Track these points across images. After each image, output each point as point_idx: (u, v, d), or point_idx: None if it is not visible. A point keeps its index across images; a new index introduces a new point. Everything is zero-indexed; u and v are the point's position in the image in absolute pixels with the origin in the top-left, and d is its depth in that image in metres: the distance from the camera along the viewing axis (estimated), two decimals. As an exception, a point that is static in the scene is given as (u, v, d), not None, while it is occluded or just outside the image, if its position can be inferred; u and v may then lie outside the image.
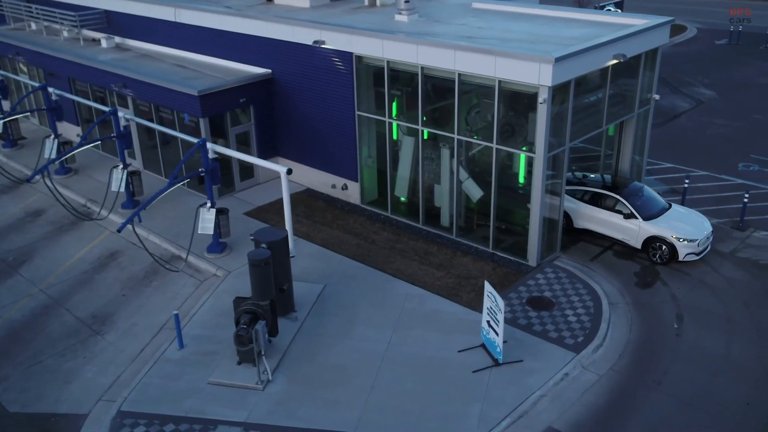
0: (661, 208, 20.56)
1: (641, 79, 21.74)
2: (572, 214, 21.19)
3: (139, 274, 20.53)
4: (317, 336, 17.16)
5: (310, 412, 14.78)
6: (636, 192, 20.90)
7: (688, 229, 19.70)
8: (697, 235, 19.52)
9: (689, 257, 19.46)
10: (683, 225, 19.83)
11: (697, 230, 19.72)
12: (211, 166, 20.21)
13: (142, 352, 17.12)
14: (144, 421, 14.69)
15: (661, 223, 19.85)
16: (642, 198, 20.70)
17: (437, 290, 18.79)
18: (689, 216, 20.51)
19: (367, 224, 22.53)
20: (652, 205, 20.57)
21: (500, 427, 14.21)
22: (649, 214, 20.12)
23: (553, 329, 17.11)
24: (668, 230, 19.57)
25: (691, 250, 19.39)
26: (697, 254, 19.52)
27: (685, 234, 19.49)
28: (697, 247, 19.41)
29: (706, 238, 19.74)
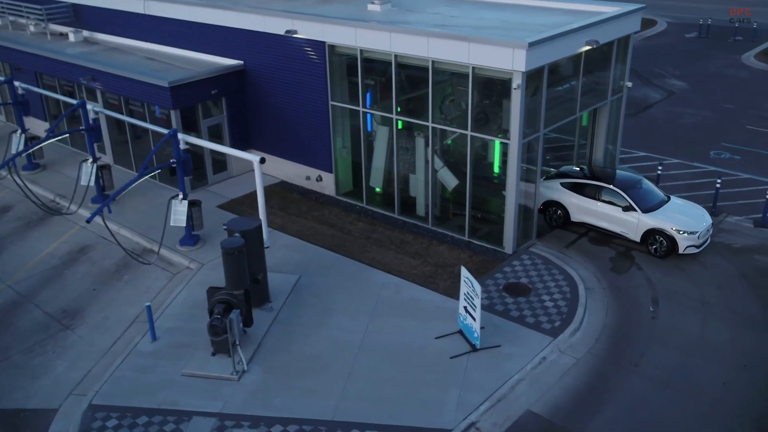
0: (660, 200, 20.11)
1: (613, 67, 21.82)
2: (569, 207, 20.82)
3: (110, 268, 20.14)
4: (293, 326, 16.94)
5: (286, 401, 14.56)
6: (634, 184, 20.40)
7: (687, 221, 19.29)
8: (697, 227, 19.14)
9: (689, 250, 19.08)
10: (683, 217, 19.41)
11: (696, 222, 19.33)
12: (182, 157, 19.89)
13: (114, 346, 16.77)
14: (116, 414, 14.36)
15: (661, 215, 19.41)
16: (641, 190, 20.20)
17: (413, 278, 18.66)
18: (689, 208, 20.13)
19: (342, 215, 22.35)
20: (651, 198, 20.11)
21: (479, 411, 14.11)
22: (648, 207, 19.68)
23: (530, 314, 17.06)
24: (668, 222, 19.13)
25: (691, 243, 19.02)
26: (697, 247, 19.15)
27: (685, 226, 19.08)
28: (697, 240, 19.02)
29: (706, 230, 19.37)
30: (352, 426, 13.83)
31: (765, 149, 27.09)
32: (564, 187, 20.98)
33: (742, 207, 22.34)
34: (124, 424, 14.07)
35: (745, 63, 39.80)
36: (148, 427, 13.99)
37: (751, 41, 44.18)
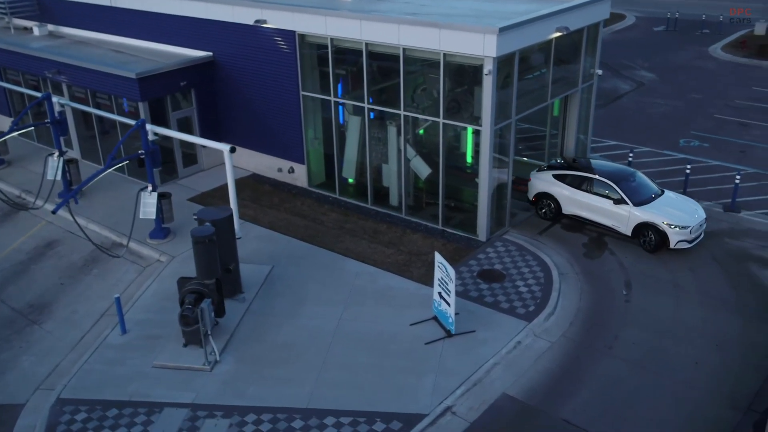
0: (652, 194, 19.58)
1: (583, 55, 21.90)
2: (561, 199, 20.42)
3: (78, 263, 19.74)
4: (266, 316, 16.73)
5: (260, 390, 14.36)
6: (627, 177, 19.93)
7: (680, 215, 18.77)
8: (689, 222, 18.61)
9: (681, 245, 18.58)
10: (675, 211, 18.89)
11: (689, 217, 18.82)
12: (151, 149, 19.57)
13: (83, 340, 16.43)
14: (85, 407, 14.05)
15: (653, 209, 18.91)
16: (633, 183, 19.74)
17: (387, 267, 18.55)
18: (682, 202, 19.66)
19: (315, 206, 22.16)
20: (644, 191, 19.58)
21: (454, 395, 14.04)
22: (640, 200, 19.16)
23: (504, 300, 17.04)
24: (659, 216, 18.62)
25: (683, 237, 18.53)
26: (689, 242, 18.64)
27: (676, 220, 18.55)
28: (689, 234, 18.53)
29: (699, 225, 18.86)
30: (327, 413, 13.67)
31: (733, 137, 27.42)
32: (556, 179, 20.59)
33: (712, 192, 22.56)
34: (94, 417, 13.78)
35: (712, 55, 40.30)
36: (118, 419, 13.70)
37: (718, 34, 44.78)
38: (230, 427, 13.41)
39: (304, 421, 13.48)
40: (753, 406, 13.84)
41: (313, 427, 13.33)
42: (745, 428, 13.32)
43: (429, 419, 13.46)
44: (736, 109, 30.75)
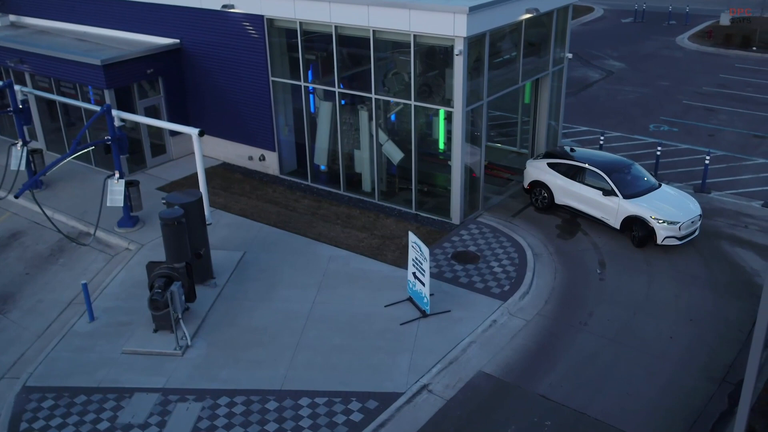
0: (646, 187, 18.84)
1: (554, 38, 21.92)
2: (554, 188, 19.83)
3: (44, 253, 19.26)
4: (238, 300, 16.44)
5: (232, 373, 14.09)
6: (621, 168, 19.19)
7: (670, 210, 17.97)
8: (679, 218, 17.76)
9: (669, 241, 17.79)
10: (665, 205, 18.11)
11: (681, 212, 17.94)
12: (117, 135, 19.16)
13: (49, 329, 16.02)
14: (52, 394, 13.66)
15: (643, 202, 18.17)
16: (627, 175, 19.04)
17: (361, 251, 18.37)
18: (676, 197, 18.74)
19: (287, 193, 21.89)
20: (637, 184, 18.88)
21: (430, 374, 13.90)
22: (632, 193, 18.45)
23: (479, 280, 16.95)
24: (648, 210, 17.88)
25: (672, 234, 17.69)
26: (678, 239, 17.83)
27: (665, 215, 17.77)
28: (678, 231, 17.66)
29: (691, 222, 17.95)
30: (301, 394, 13.45)
31: (701, 122, 27.70)
32: (550, 168, 19.98)
33: (682, 174, 22.74)
34: (61, 404, 13.39)
35: (679, 44, 40.75)
36: (86, 405, 13.34)
37: (684, 25, 45.33)
38: (203, 410, 13.11)
39: (279, 403, 13.24)
40: (727, 377, 13.90)
41: (287, 408, 13.09)
42: (720, 399, 13.37)
43: (405, 397, 13.31)
44: (704, 95, 31.09)
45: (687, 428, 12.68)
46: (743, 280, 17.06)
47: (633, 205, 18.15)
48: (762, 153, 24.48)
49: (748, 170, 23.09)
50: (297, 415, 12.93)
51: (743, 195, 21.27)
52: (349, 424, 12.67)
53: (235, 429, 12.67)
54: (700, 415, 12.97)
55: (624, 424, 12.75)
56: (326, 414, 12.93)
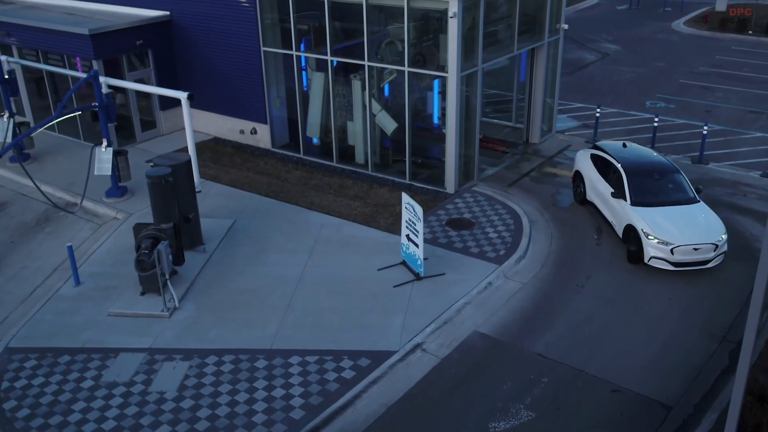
0: (672, 199, 16.19)
1: (549, 6, 21.58)
2: (587, 182, 18.04)
3: (30, 222, 18.85)
4: (227, 265, 16.08)
5: (221, 333, 13.72)
6: (651, 172, 16.67)
7: (669, 228, 15.31)
8: (675, 239, 15.09)
9: (657, 263, 15.28)
10: (670, 223, 15.44)
11: (683, 235, 15.16)
12: (105, 102, 18.77)
13: (33, 294, 15.60)
14: (35, 355, 13.28)
15: (648, 212, 15.68)
16: (655, 181, 16.49)
17: (354, 219, 18.01)
18: (699, 219, 15.73)
19: (278, 165, 21.53)
20: (662, 193, 16.30)
21: (424, 333, 13.55)
22: (646, 201, 16.00)
23: (474, 245, 16.62)
24: (643, 221, 15.50)
25: (661, 255, 15.16)
26: (672, 263, 15.19)
27: (659, 232, 15.23)
28: (670, 254, 15.09)
29: (693, 249, 15.05)
30: (292, 353, 13.09)
31: (697, 99, 27.43)
32: (591, 159, 18.12)
33: (679, 147, 22.46)
34: (44, 364, 13.01)
35: (675, 29, 40.54)
36: (70, 365, 12.95)
37: (680, 11, 45.13)
38: (190, 369, 12.74)
39: (268, 361, 12.88)
40: (728, 336, 13.60)
41: (277, 366, 12.73)
42: (721, 357, 13.06)
43: (398, 355, 12.96)
44: (700, 74, 30.84)
45: (687, 385, 12.36)
46: (742, 245, 16.76)
47: (635, 212, 15.82)
48: (759, 127, 24.21)
49: (745, 143, 22.82)
50: (287, 372, 12.57)
51: (741, 166, 20.99)
52: (340, 381, 12.32)
53: (223, 386, 12.30)
54: (700, 372, 12.66)
55: (623, 380, 12.43)
56: (317, 371, 12.57)
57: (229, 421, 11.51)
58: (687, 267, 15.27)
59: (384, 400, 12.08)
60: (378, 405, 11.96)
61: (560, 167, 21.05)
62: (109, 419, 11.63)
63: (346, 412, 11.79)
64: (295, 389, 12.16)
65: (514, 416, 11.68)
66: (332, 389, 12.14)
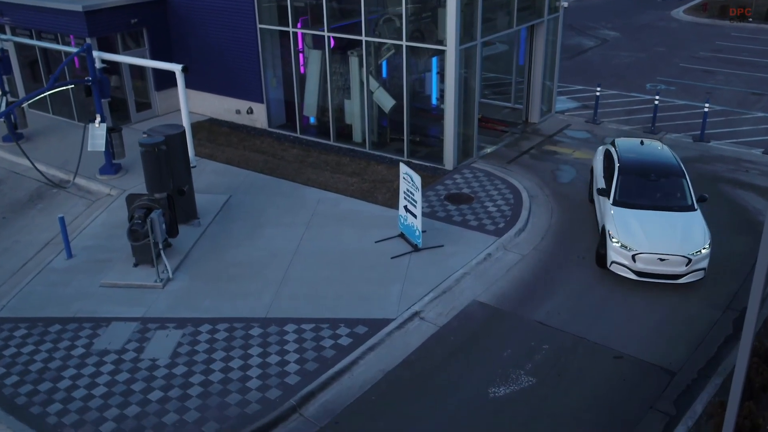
0: (662, 203, 14.43)
1: (549, -16, 21.37)
2: (595, 175, 16.70)
3: (22, 199, 18.57)
4: (223, 238, 15.81)
5: (215, 303, 13.45)
6: (649, 172, 15.00)
7: (637, 233, 13.71)
8: (639, 246, 13.50)
9: (618, 269, 13.80)
10: (641, 228, 13.83)
11: (649, 242, 13.52)
12: (98, 77, 18.48)
13: (25, 266, 15.31)
14: (25, 324, 12.99)
15: (624, 213, 14.19)
16: (649, 181, 14.85)
17: (351, 194, 17.76)
18: (676, 227, 13.90)
19: (275, 144, 21.26)
20: (653, 194, 14.65)
21: (422, 302, 13.29)
22: (630, 202, 14.39)
23: (473, 219, 16.36)
24: (613, 221, 14.11)
25: (622, 261, 13.63)
26: (634, 272, 13.61)
27: (624, 236, 13.71)
28: (631, 260, 13.55)
29: (659, 259, 13.41)
30: (287, 321, 12.82)
31: (698, 81, 27.19)
32: (603, 155, 16.62)
33: (680, 126, 22.22)
34: (34, 333, 12.73)
35: (674, 17, 40.32)
36: (61, 334, 12.67)
37: (679, 0, 44.91)
38: (183, 337, 12.47)
39: (263, 329, 12.61)
40: (732, 305, 13.35)
41: (272, 334, 12.46)
42: (725, 325, 12.81)
43: (396, 323, 12.70)
44: (700, 59, 30.60)
45: (690, 351, 12.11)
46: (746, 218, 16.53)
47: (611, 212, 14.36)
48: (761, 108, 23.98)
49: (747, 123, 22.58)
50: (282, 340, 12.30)
51: (743, 144, 20.75)
52: (337, 348, 12.05)
53: (216, 353, 12.03)
54: (703, 340, 12.41)
55: (625, 348, 12.18)
56: (313, 339, 12.31)
57: (223, 387, 11.25)
58: (652, 279, 13.61)
59: (382, 366, 11.81)
60: (376, 371, 11.70)
61: (560, 145, 20.80)
62: (100, 385, 11.36)
63: (343, 378, 11.52)
64: (291, 356, 11.89)
65: (514, 381, 11.42)
66: (328, 356, 11.88)
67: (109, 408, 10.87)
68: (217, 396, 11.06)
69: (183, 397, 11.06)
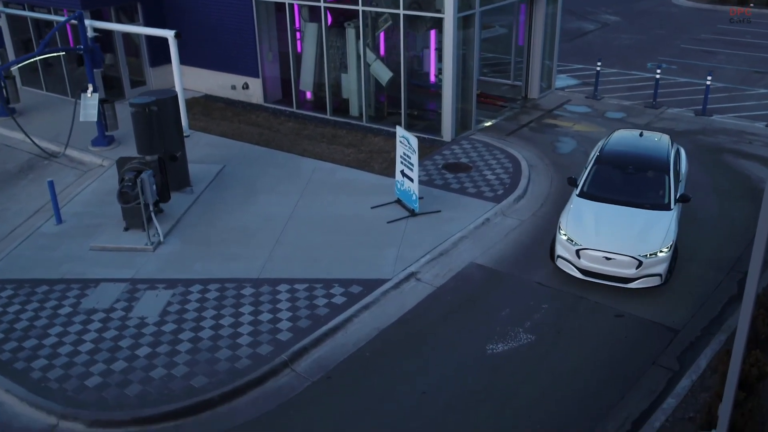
0: (633, 199, 12.87)
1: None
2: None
3: (12, 170, 18.26)
4: (215, 205, 15.50)
5: (207, 266, 13.13)
6: (629, 163, 13.53)
7: (587, 227, 12.41)
8: (584, 240, 12.14)
9: (561, 263, 12.52)
10: (595, 222, 12.50)
11: (597, 237, 12.15)
12: (90, 46, 18.17)
13: (13, 232, 15.00)
14: (12, 285, 12.69)
15: (585, 205, 12.97)
16: (627, 174, 13.38)
17: (347, 164, 17.44)
18: (636, 225, 12.39)
19: (270, 118, 20.94)
20: (626, 189, 13.15)
21: (419, 263, 12.98)
22: (598, 194, 13.10)
23: (471, 186, 16.05)
24: (566, 215, 12.91)
25: (566, 255, 12.34)
26: (578, 269, 12.23)
27: (572, 228, 12.46)
28: (575, 256, 12.17)
29: (604, 257, 11.94)
30: (280, 281, 12.50)
31: (699, 61, 26.88)
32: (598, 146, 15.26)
33: (683, 101, 21.90)
34: (21, 294, 12.42)
35: (674, 2, 39.97)
36: (48, 294, 12.36)
37: (680, -12, 44.60)
38: (173, 296, 12.16)
39: (255, 289, 12.30)
40: (735, 268, 13.03)
41: (264, 294, 12.15)
42: (729, 286, 12.49)
43: (392, 283, 12.39)
44: (702, 41, 30.28)
45: (695, 310, 11.80)
46: (748, 186, 16.22)
47: (570, 204, 13.24)
48: (764, 85, 23.66)
49: (750, 98, 22.26)
50: (275, 299, 11.99)
51: (746, 118, 20.43)
52: (330, 306, 11.74)
53: (207, 312, 11.72)
54: (707, 299, 12.10)
55: (626, 307, 11.86)
56: (306, 298, 11.99)
57: (213, 343, 10.93)
58: (599, 280, 12.14)
59: (376, 324, 11.51)
60: (370, 329, 11.39)
61: (561, 119, 20.49)
62: (86, 342, 11.04)
63: (337, 335, 11.21)
64: (283, 314, 11.58)
65: (512, 339, 11.11)
66: (322, 314, 11.57)
67: (95, 363, 10.56)
68: (206, 352, 10.75)
69: (171, 353, 10.75)
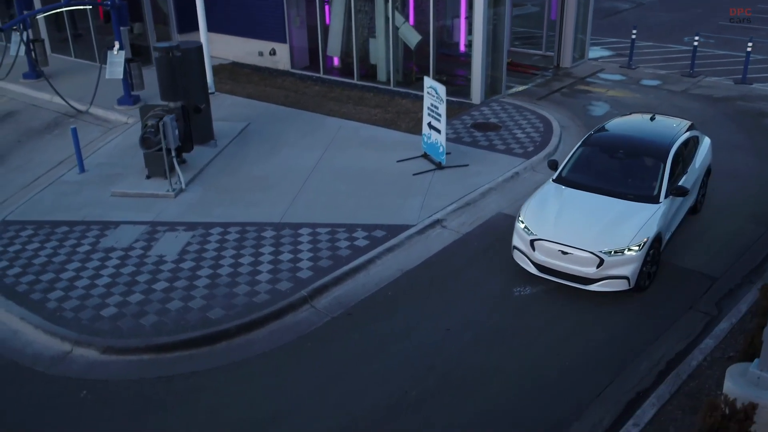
0: (617, 189, 10.96)
1: None
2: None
3: (38, 128, 18.22)
4: (239, 157, 15.26)
5: (228, 211, 12.89)
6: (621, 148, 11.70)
7: (548, 216, 10.64)
8: (540, 231, 10.41)
9: (517, 255, 10.82)
10: (559, 211, 10.71)
11: (555, 228, 10.36)
12: (117, 3, 18.06)
13: (37, 180, 14.91)
14: (32, 226, 12.56)
15: (551, 191, 11.39)
16: (616, 159, 11.56)
17: (374, 123, 17.10)
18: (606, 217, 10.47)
19: (297, 82, 20.69)
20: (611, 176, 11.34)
21: (445, 211, 12.58)
22: (576, 180, 11.38)
23: (500, 144, 15.60)
24: (530, 200, 11.27)
25: (521, 247, 10.65)
26: (533, 263, 10.51)
27: (530, 217, 10.75)
28: (531, 249, 10.46)
29: (560, 252, 10.15)
30: (302, 225, 12.20)
31: (738, 35, 26.06)
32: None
33: (721, 71, 21.21)
34: (41, 233, 12.28)
35: (713, -15, 39.01)
36: (68, 234, 12.21)
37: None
38: (193, 237, 11.91)
39: (276, 231, 12.01)
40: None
41: (286, 236, 11.85)
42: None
43: (416, 229, 12.01)
44: (742, 18, 29.37)
45: (734, 261, 11.24)
46: (791, 147, 15.56)
47: (540, 188, 11.72)
48: (807, 58, 22.84)
49: (792, 70, 21.49)
50: (296, 241, 11.69)
51: (788, 87, 19.72)
52: (353, 249, 11.40)
53: (226, 251, 11.45)
54: (746, 251, 11.53)
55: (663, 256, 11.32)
56: (328, 240, 11.67)
57: (231, 279, 10.66)
58: (555, 278, 10.38)
59: (400, 266, 11.15)
60: (394, 270, 11.03)
61: (594, 86, 19.94)
62: (104, 276, 10.85)
63: (359, 275, 10.86)
64: (304, 254, 11.27)
65: (542, 282, 10.65)
66: (344, 255, 11.23)
67: (111, 296, 10.35)
68: (224, 287, 10.48)
69: (189, 287, 10.50)
